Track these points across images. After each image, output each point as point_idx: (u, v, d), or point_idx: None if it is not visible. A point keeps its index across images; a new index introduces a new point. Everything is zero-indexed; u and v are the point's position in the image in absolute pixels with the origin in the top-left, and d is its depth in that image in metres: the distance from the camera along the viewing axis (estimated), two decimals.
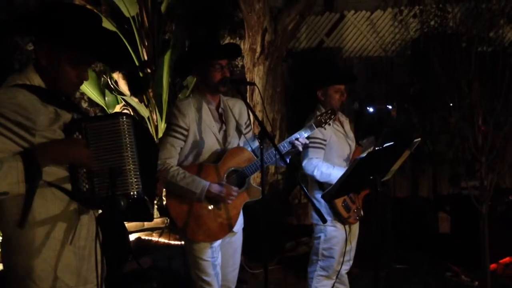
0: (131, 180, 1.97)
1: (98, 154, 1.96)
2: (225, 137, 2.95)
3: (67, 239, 1.99)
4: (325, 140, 3.43)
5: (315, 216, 3.46)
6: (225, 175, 2.89)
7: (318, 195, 3.42)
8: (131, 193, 1.98)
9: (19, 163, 1.83)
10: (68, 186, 1.98)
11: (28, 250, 1.94)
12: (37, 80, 1.97)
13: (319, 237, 3.50)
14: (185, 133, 2.85)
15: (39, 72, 1.98)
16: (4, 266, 2.03)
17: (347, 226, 3.45)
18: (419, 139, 3.15)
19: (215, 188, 2.81)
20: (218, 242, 2.94)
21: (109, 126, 1.98)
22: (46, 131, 1.91)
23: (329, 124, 3.20)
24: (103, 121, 2.02)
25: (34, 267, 1.94)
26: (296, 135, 3.03)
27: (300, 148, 3.00)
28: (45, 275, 1.95)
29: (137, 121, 2.11)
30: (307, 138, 3.10)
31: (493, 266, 4.73)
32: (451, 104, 4.03)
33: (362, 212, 3.54)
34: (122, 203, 1.94)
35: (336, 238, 3.46)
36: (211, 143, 2.89)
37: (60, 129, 1.95)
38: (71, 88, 2.05)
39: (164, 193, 3.56)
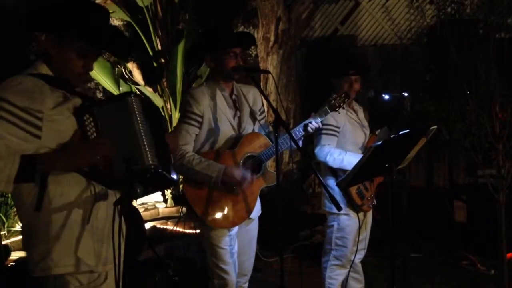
0: (145, 157, 2.01)
1: (111, 135, 2.00)
2: (239, 124, 2.95)
3: (85, 220, 2.02)
4: (338, 127, 3.41)
5: (328, 204, 3.45)
6: (241, 161, 2.90)
7: (331, 182, 3.41)
8: (147, 169, 2.02)
9: (15, 165, 1.85)
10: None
11: (46, 233, 1.98)
12: (44, 70, 2.03)
13: (332, 225, 3.49)
14: (200, 120, 2.86)
15: (47, 63, 2.03)
16: (26, 251, 2.07)
17: (360, 215, 3.44)
18: (435, 126, 3.13)
19: (231, 171, 2.80)
20: (235, 230, 2.95)
21: (118, 107, 2.03)
22: (53, 111, 1.94)
23: (343, 108, 3.18)
24: (112, 103, 2.08)
25: (52, 249, 1.98)
26: (311, 119, 3.01)
27: (311, 130, 2.98)
28: (65, 255, 1.99)
29: (143, 99, 2.14)
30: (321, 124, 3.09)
31: (509, 255, 4.69)
32: (468, 92, 3.97)
33: (375, 201, 3.53)
34: (139, 190, 1.98)
35: (349, 227, 3.44)
36: (226, 130, 2.90)
37: (69, 111, 1.99)
38: (77, 77, 2.08)
39: (181, 180, 3.58)
